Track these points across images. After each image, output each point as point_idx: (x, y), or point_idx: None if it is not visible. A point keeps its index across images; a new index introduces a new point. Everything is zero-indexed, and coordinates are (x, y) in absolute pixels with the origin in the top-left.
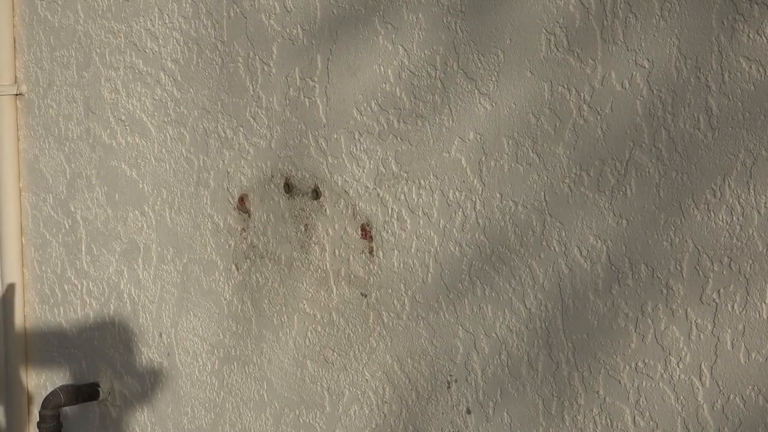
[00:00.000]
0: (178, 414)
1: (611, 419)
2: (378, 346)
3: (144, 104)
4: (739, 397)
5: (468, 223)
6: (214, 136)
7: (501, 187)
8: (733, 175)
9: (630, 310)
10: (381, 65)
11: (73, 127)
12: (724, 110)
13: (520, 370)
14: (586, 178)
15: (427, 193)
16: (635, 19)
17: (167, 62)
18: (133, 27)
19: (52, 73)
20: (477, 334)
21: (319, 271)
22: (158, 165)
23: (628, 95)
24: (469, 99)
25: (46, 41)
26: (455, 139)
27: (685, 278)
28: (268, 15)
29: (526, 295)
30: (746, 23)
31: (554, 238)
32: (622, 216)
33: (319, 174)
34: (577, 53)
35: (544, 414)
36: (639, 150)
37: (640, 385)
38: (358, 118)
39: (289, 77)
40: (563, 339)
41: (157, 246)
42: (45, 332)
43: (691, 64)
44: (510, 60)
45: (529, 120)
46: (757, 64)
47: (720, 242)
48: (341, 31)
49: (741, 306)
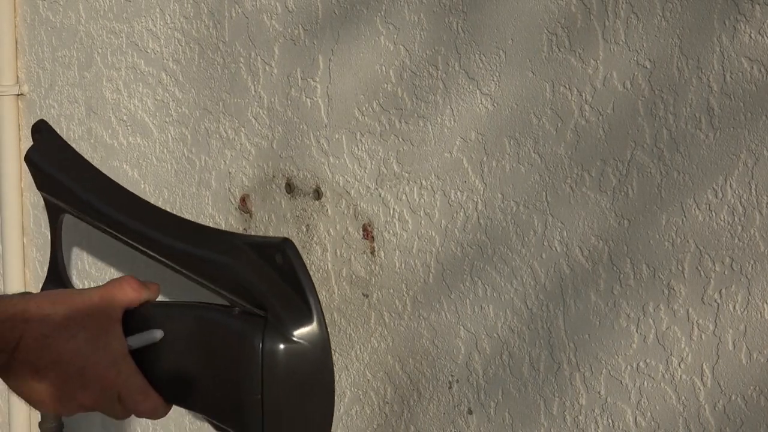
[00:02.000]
0: (179, 414)
1: (613, 419)
2: (380, 347)
3: (145, 104)
4: (741, 397)
5: (470, 224)
6: (215, 136)
7: (502, 188)
8: (735, 175)
9: (632, 310)
10: (383, 65)
11: (74, 128)
12: (725, 110)
13: (522, 371)
14: (587, 178)
15: (428, 193)
16: (637, 20)
17: (169, 62)
18: (134, 27)
19: (53, 73)
20: (479, 334)
21: (321, 271)
22: (160, 165)
23: (629, 95)
24: (470, 99)
25: (47, 41)
26: (457, 139)
27: (687, 278)
28: (270, 15)
29: (527, 295)
30: (748, 23)
31: (556, 238)
32: (623, 216)
33: (320, 174)
34: (578, 53)
35: (546, 414)
36: (641, 150)
37: (641, 385)
38: (360, 118)
39: (290, 77)
40: (565, 339)
41: None
42: None
43: (693, 65)
44: (511, 60)
45: (531, 120)
46: (759, 65)
47: (722, 242)
48: (343, 32)
49: (743, 306)
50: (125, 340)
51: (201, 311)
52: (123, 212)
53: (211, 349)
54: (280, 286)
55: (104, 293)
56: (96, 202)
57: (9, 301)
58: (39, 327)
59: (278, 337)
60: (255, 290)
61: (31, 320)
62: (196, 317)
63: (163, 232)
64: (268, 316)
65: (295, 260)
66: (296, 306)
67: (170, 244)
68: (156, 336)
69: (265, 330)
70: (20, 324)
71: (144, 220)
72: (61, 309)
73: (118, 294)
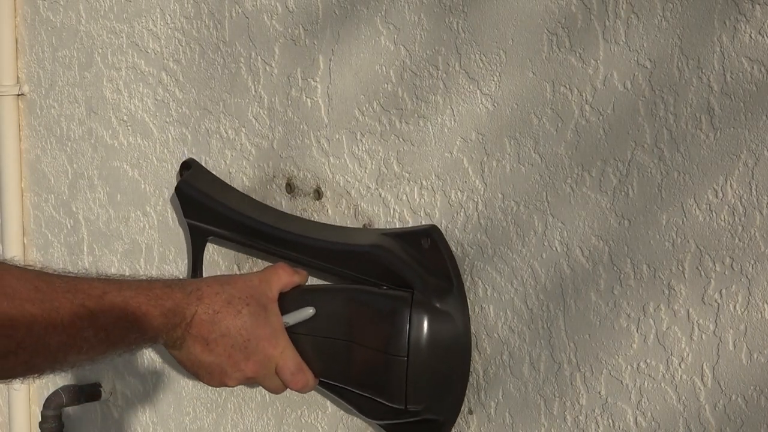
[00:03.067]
0: (179, 414)
1: (613, 419)
2: None
3: (146, 104)
4: (741, 397)
5: (470, 224)
6: (216, 136)
7: (503, 188)
8: (735, 175)
9: (632, 310)
10: (383, 65)
11: (75, 128)
12: (726, 111)
13: (522, 371)
14: (588, 178)
15: (429, 193)
16: (637, 20)
17: (169, 62)
18: (135, 27)
19: (54, 73)
20: (479, 334)
21: None
22: (160, 165)
23: (630, 95)
24: (471, 99)
25: (48, 41)
26: (457, 139)
27: (687, 279)
28: (270, 15)
29: (528, 295)
30: (748, 23)
31: (556, 238)
32: (624, 216)
33: (320, 174)
34: (579, 53)
35: (546, 414)
36: (641, 150)
37: (642, 385)
38: (360, 118)
39: (291, 77)
40: (565, 339)
41: (159, 246)
42: None
43: (693, 65)
44: (512, 60)
45: (531, 120)
46: (759, 65)
47: (722, 243)
48: (343, 32)
49: (743, 306)
50: (282, 317)
51: (350, 290)
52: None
53: (360, 324)
54: (425, 266)
55: (263, 276)
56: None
57: (186, 282)
58: (211, 304)
59: (423, 306)
60: (402, 272)
61: (204, 298)
62: (346, 295)
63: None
64: (414, 291)
65: (440, 242)
66: (440, 281)
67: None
68: (309, 312)
69: (412, 301)
70: (195, 301)
71: (293, 228)
72: (228, 289)
73: (274, 277)
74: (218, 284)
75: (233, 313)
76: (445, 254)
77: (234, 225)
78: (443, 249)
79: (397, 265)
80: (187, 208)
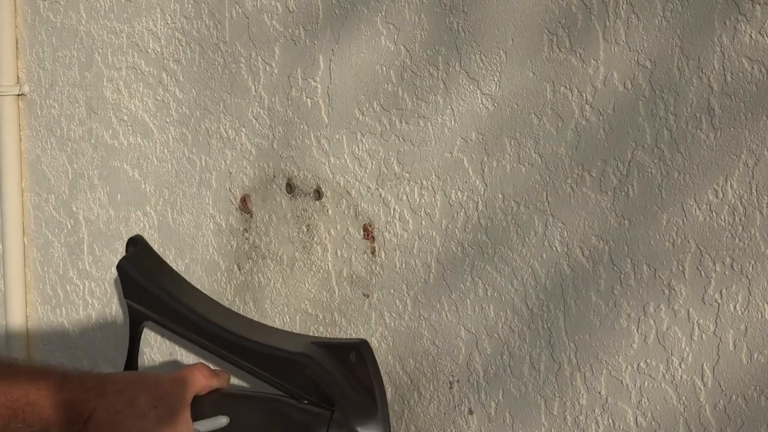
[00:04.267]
0: None
1: (613, 419)
2: (380, 347)
3: (146, 104)
4: (741, 397)
5: (470, 224)
6: (216, 136)
7: (503, 188)
8: (736, 175)
9: (632, 310)
10: (383, 65)
11: (75, 128)
12: (726, 111)
13: (523, 371)
14: (588, 178)
15: (429, 193)
16: (637, 20)
17: (169, 62)
18: (135, 27)
19: (54, 73)
20: (479, 334)
21: (321, 271)
22: (160, 165)
23: (630, 95)
24: (471, 99)
25: (48, 41)
26: (457, 139)
27: (687, 279)
28: (271, 15)
29: (528, 295)
30: (748, 23)
31: (556, 238)
32: (624, 216)
33: (321, 174)
34: (579, 54)
35: (547, 414)
36: (641, 150)
37: (642, 385)
38: (360, 118)
39: (291, 77)
40: (565, 339)
41: (159, 246)
42: (47, 333)
43: (694, 65)
44: (512, 60)
45: (531, 120)
46: (759, 65)
47: (722, 243)
48: (343, 32)
49: (743, 306)
50: (192, 424)
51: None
52: (206, 318)
53: None
54: (350, 382)
55: (177, 378)
56: (182, 309)
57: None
58: (113, 402)
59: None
60: (325, 386)
61: (106, 395)
62: (263, 406)
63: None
64: (334, 410)
65: (368, 358)
66: (363, 402)
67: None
68: (222, 422)
69: (330, 422)
70: (95, 397)
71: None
72: (134, 388)
73: (189, 379)
74: (124, 382)
75: (137, 415)
76: (371, 371)
77: (169, 313)
78: (370, 365)
79: (321, 377)
80: (127, 288)
